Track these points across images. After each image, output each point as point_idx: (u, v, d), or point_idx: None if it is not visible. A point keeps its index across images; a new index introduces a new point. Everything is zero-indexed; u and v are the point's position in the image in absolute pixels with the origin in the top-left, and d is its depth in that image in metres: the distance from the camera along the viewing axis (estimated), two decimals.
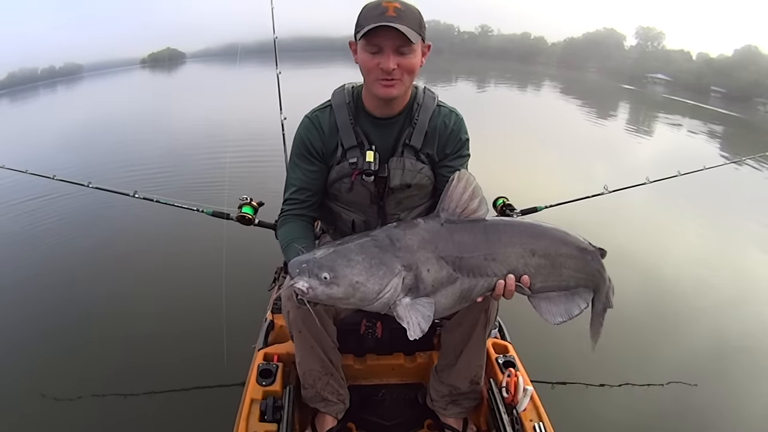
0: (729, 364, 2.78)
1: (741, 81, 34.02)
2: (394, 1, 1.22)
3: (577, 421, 2.16)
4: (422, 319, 1.11)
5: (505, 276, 1.19)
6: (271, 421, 1.45)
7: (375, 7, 1.23)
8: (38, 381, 2.48)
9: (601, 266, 1.31)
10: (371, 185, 1.41)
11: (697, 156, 8.98)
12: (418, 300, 1.14)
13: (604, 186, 2.39)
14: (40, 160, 6.09)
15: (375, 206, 1.47)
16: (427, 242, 1.16)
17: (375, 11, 1.22)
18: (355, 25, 1.28)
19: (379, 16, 1.20)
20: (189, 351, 2.67)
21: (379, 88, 1.28)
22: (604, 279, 1.32)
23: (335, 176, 1.42)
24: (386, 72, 1.24)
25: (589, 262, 1.28)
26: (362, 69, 1.30)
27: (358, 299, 1.11)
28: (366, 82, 1.34)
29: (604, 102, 20.23)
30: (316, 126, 1.41)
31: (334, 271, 1.08)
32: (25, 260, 3.95)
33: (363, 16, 1.25)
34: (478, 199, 1.20)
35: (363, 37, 1.24)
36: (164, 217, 4.01)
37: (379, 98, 1.33)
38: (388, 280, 1.10)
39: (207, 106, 12.36)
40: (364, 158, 1.37)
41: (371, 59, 1.26)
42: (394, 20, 1.19)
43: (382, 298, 1.11)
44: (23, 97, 24.86)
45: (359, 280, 1.09)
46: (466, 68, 28.43)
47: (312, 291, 1.08)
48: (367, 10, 1.25)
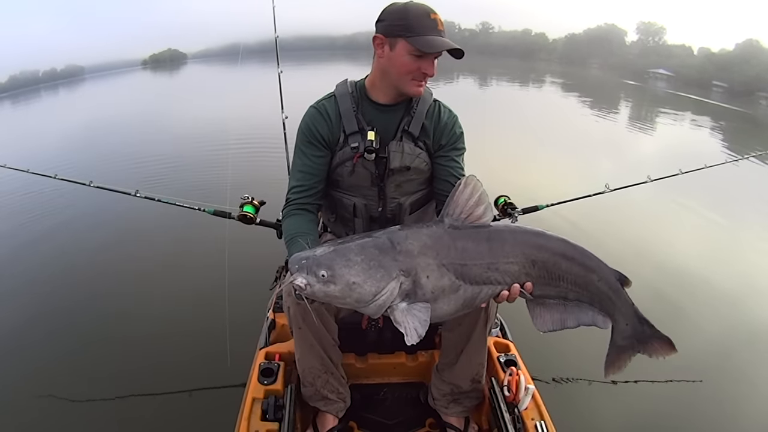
0: (734, 361, 2.77)
1: (743, 75, 33.80)
2: (436, 12, 1.33)
3: (579, 419, 2.16)
4: (419, 324, 1.11)
5: (508, 285, 1.19)
6: (272, 420, 1.45)
7: (425, 16, 1.32)
8: (41, 381, 2.49)
9: (615, 292, 1.21)
10: (372, 165, 1.45)
11: (700, 152, 8.94)
12: (414, 305, 1.13)
13: (606, 185, 2.38)
14: (41, 161, 6.10)
15: (375, 188, 1.51)
16: (428, 248, 1.15)
17: (427, 22, 1.32)
18: (400, 26, 1.32)
19: (433, 29, 1.32)
20: (191, 350, 2.67)
21: (413, 87, 1.39)
22: (617, 307, 1.22)
23: (338, 161, 1.48)
24: (428, 76, 1.38)
25: (594, 281, 1.21)
26: (395, 66, 1.37)
27: (354, 300, 1.11)
28: (394, 79, 1.40)
29: (606, 98, 20.16)
30: (322, 114, 1.47)
31: (331, 269, 1.08)
32: (26, 260, 3.97)
33: (415, 23, 1.31)
34: (483, 205, 1.19)
35: (411, 40, 1.32)
36: (166, 216, 4.03)
37: (406, 94, 1.43)
38: (385, 284, 1.10)
39: (208, 106, 12.38)
40: (366, 138, 1.43)
41: (414, 62, 1.34)
42: (444, 35, 1.33)
43: (378, 301, 1.11)
44: (25, 99, 24.91)
45: (356, 280, 1.09)
46: (467, 66, 28.36)
47: (309, 288, 1.08)
48: (418, 17, 1.32)
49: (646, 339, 1.24)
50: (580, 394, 2.42)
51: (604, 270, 1.21)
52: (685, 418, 2.33)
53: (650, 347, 1.24)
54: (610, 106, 16.86)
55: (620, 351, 1.26)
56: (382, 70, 1.41)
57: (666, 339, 1.23)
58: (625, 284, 1.21)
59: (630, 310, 1.22)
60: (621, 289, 1.21)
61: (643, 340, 1.24)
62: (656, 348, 1.24)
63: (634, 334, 1.24)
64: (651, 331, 1.23)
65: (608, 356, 1.28)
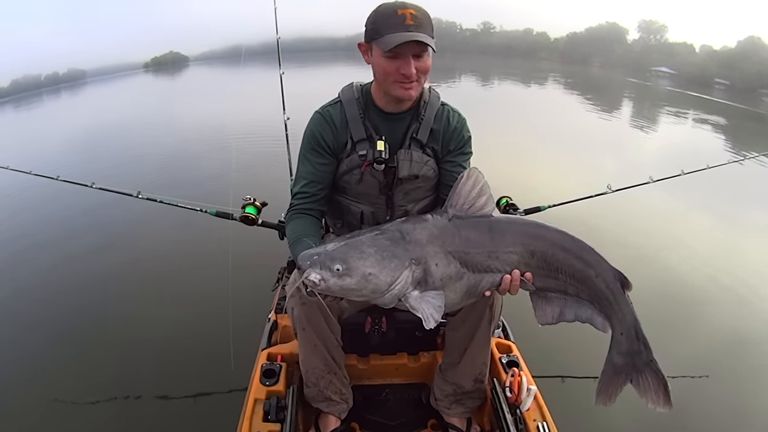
0: (740, 359, 2.77)
1: (745, 72, 33.68)
2: (408, 6, 1.25)
3: (581, 420, 2.15)
4: (434, 310, 1.14)
5: (509, 273, 1.20)
6: (274, 421, 1.45)
7: (392, 14, 1.25)
8: (44, 384, 2.50)
9: (614, 293, 1.17)
10: (380, 175, 1.44)
11: (703, 150, 8.93)
12: (427, 292, 1.16)
13: (608, 185, 2.38)
14: (44, 164, 6.12)
15: (384, 197, 1.50)
16: (435, 237, 1.19)
17: (394, 19, 1.24)
18: (371, 30, 1.30)
19: (399, 25, 1.23)
20: (193, 352, 2.68)
21: (398, 89, 1.33)
22: (614, 310, 1.17)
23: (345, 168, 1.46)
24: (407, 77, 1.29)
25: (591, 277, 1.18)
26: (378, 71, 1.34)
27: (370, 291, 1.13)
28: (382, 84, 1.37)
29: (608, 96, 20.12)
30: (327, 120, 1.45)
31: (346, 262, 1.10)
32: (27, 263, 3.98)
33: (381, 23, 1.27)
34: (485, 196, 1.23)
35: (379, 42, 1.27)
36: (167, 217, 4.04)
37: (397, 98, 1.37)
38: (399, 273, 1.13)
39: (210, 108, 12.43)
40: (375, 148, 1.40)
41: (390, 64, 1.29)
42: (414, 29, 1.23)
43: (393, 290, 1.13)
44: (27, 103, 25.00)
45: (372, 271, 1.11)
46: (469, 66, 28.37)
47: (324, 283, 1.09)
48: (384, 17, 1.26)
49: (641, 367, 1.15)
50: (582, 394, 2.40)
51: (603, 267, 1.18)
52: (691, 416, 2.31)
53: (643, 382, 1.15)
54: (612, 105, 16.82)
55: (614, 373, 1.18)
56: (374, 77, 1.40)
57: (662, 381, 1.14)
58: (625, 287, 1.17)
59: (628, 318, 1.16)
60: (620, 291, 1.16)
61: (638, 367, 1.16)
62: (649, 386, 1.14)
63: (629, 351, 1.16)
64: (647, 356, 1.15)
65: (602, 375, 1.20)
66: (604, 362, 1.20)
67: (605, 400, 1.19)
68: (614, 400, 1.19)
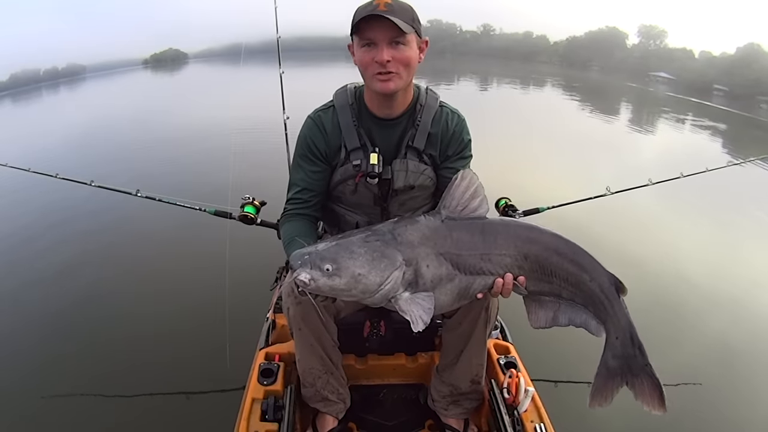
0: (734, 365, 2.77)
1: (744, 79, 33.85)
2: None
3: (578, 421, 2.15)
4: (423, 312, 1.13)
5: (501, 275, 1.19)
6: (272, 420, 1.45)
7: (367, 4, 1.26)
8: (41, 382, 2.49)
9: (608, 297, 1.16)
10: (375, 187, 1.42)
11: (701, 154, 8.96)
12: (417, 294, 1.16)
13: (607, 187, 2.39)
14: (43, 160, 6.11)
15: (379, 208, 1.48)
16: (427, 238, 1.18)
17: (367, 7, 1.25)
18: (352, 24, 1.29)
19: (370, 10, 1.23)
20: (191, 351, 2.67)
21: (376, 83, 1.29)
22: (609, 314, 1.16)
23: (339, 178, 1.44)
24: (381, 65, 1.25)
25: (585, 281, 1.17)
26: (360, 67, 1.32)
27: (359, 291, 1.12)
28: (365, 80, 1.35)
29: (607, 101, 20.18)
30: (319, 126, 1.42)
31: (336, 262, 1.09)
32: (25, 260, 3.97)
33: (357, 14, 1.27)
34: (479, 198, 1.21)
35: (356, 33, 1.27)
36: (166, 216, 4.02)
37: (379, 95, 1.34)
38: (389, 273, 1.12)
39: (210, 106, 12.39)
40: (368, 161, 1.38)
41: (366, 53, 1.27)
42: (385, 13, 1.21)
43: (383, 290, 1.13)
44: (26, 98, 24.94)
45: (361, 272, 1.10)
46: (469, 68, 28.39)
47: (314, 282, 1.09)
48: (360, 8, 1.27)
49: (637, 371, 1.14)
50: (579, 396, 2.39)
51: (598, 271, 1.17)
52: (684, 421, 2.32)
53: (639, 385, 1.14)
54: (612, 109, 16.87)
55: (609, 375, 1.17)
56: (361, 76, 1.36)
57: (657, 385, 1.13)
58: (620, 291, 1.16)
59: (623, 322, 1.15)
60: (615, 296, 1.15)
61: (634, 371, 1.15)
62: (645, 389, 1.14)
63: (624, 355, 1.15)
64: (642, 360, 1.14)
65: (597, 377, 1.18)
66: (598, 365, 1.19)
67: (599, 403, 1.18)
68: (609, 403, 1.17)
